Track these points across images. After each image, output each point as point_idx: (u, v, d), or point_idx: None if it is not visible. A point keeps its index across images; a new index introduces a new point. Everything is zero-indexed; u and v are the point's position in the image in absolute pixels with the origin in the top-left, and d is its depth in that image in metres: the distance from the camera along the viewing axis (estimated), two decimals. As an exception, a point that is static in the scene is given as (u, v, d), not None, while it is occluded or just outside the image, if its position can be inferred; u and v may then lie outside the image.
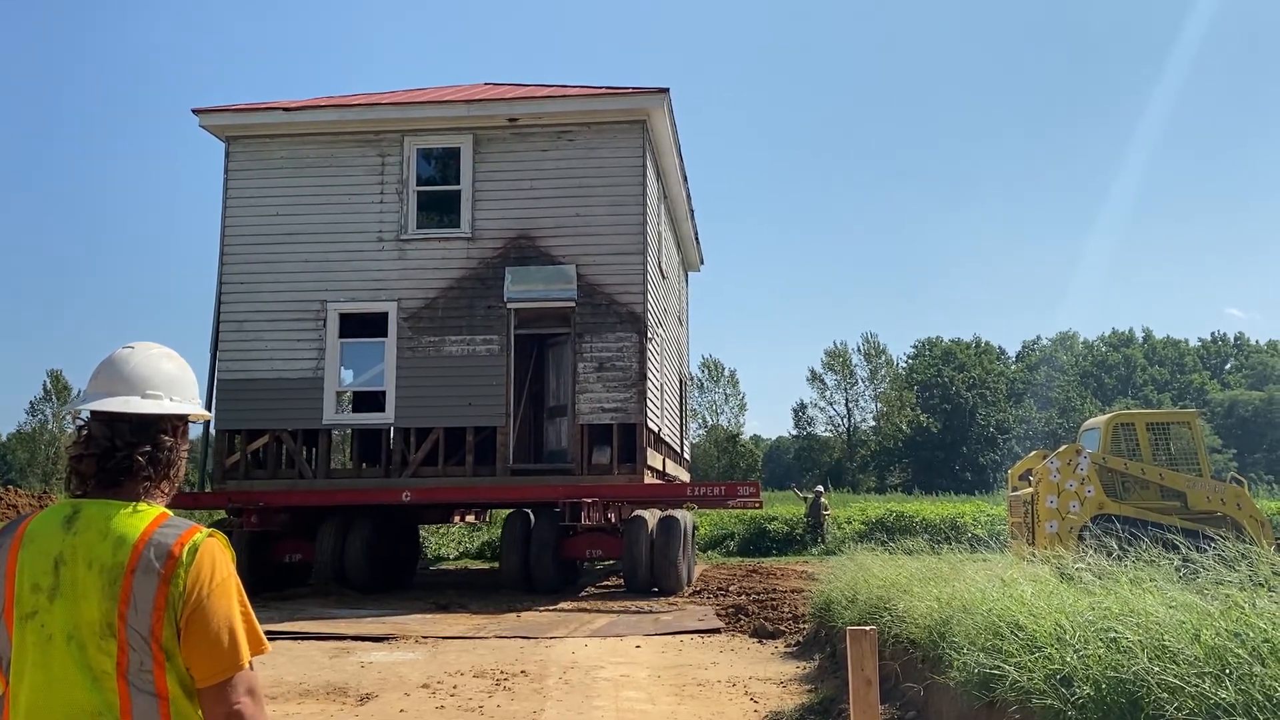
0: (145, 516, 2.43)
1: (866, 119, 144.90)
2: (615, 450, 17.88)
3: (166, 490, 2.55)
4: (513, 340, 18.30)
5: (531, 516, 17.54)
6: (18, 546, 2.42)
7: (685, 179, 22.64)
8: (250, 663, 2.43)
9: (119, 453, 2.45)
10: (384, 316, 18.57)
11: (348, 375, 19.68)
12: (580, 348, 18.03)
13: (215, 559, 2.42)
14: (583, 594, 17.43)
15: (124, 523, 2.40)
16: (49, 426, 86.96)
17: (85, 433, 2.50)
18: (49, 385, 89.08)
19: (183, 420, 2.60)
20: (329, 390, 18.58)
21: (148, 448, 2.48)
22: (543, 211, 18.42)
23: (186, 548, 2.38)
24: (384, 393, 18.56)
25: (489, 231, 18.53)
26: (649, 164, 18.81)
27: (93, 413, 2.51)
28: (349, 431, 22.61)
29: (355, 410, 21.69)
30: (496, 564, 21.59)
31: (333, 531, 17.57)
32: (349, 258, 18.76)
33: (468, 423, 18.19)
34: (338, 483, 18.45)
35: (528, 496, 17.84)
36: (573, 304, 18.11)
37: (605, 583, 19.60)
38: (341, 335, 18.72)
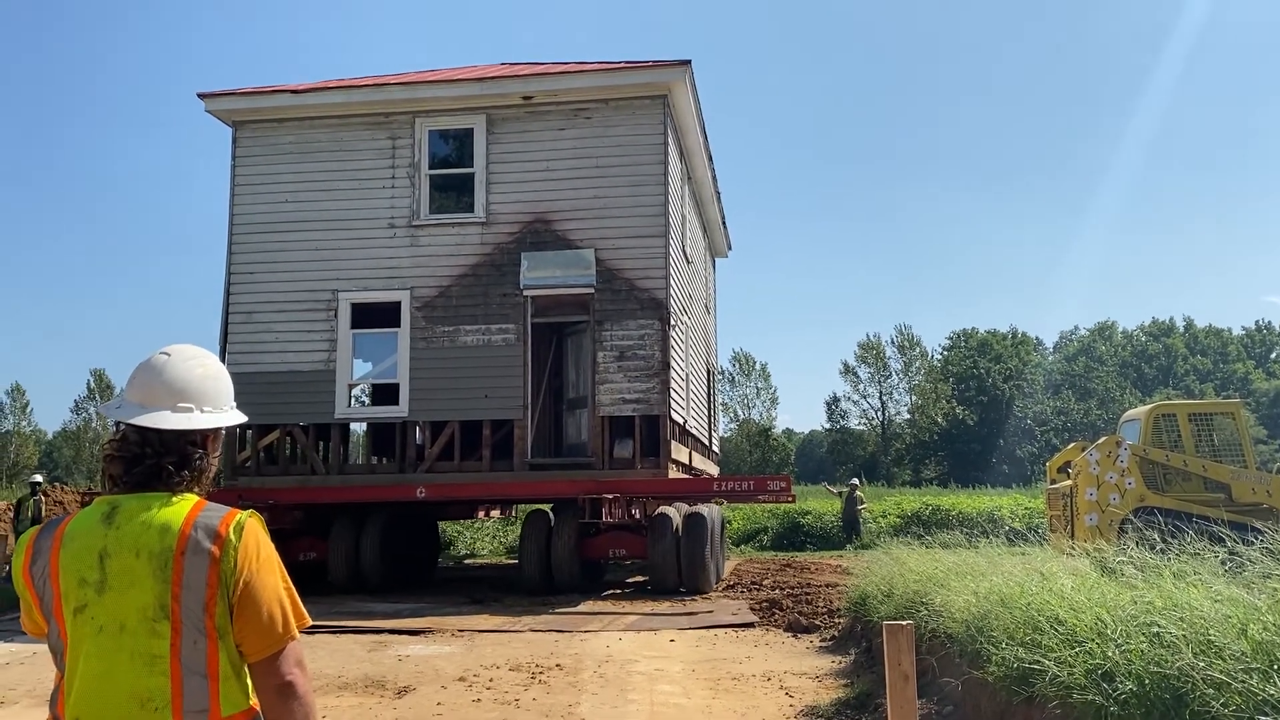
0: (185, 504, 2.50)
1: (900, 106, 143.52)
2: (638, 443, 17.07)
3: (197, 492, 2.60)
4: (530, 329, 17.52)
5: (551, 514, 16.79)
6: (58, 546, 2.47)
7: (710, 159, 21.76)
8: (297, 635, 2.51)
9: (147, 460, 2.51)
10: (396, 306, 17.86)
11: (363, 367, 19.02)
12: (600, 336, 17.21)
13: (259, 536, 2.51)
14: (608, 593, 16.73)
15: (166, 511, 2.46)
16: (93, 424, 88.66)
17: (120, 435, 2.57)
18: (92, 384, 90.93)
19: (213, 431, 2.64)
20: (340, 383, 17.90)
21: (174, 458, 2.53)
22: (559, 194, 17.61)
23: (232, 527, 2.46)
24: (397, 385, 17.85)
25: (504, 216, 17.75)
26: (670, 142, 17.96)
27: None
28: (367, 425, 21.93)
29: (374, 403, 21.05)
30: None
31: (347, 529, 16.98)
32: (360, 245, 18.07)
33: (484, 416, 17.46)
34: (351, 479, 17.76)
35: (546, 492, 17.12)
36: (592, 290, 17.29)
37: (632, 579, 18.89)
38: (353, 326, 18.04)
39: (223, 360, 17.53)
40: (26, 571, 2.50)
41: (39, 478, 22.80)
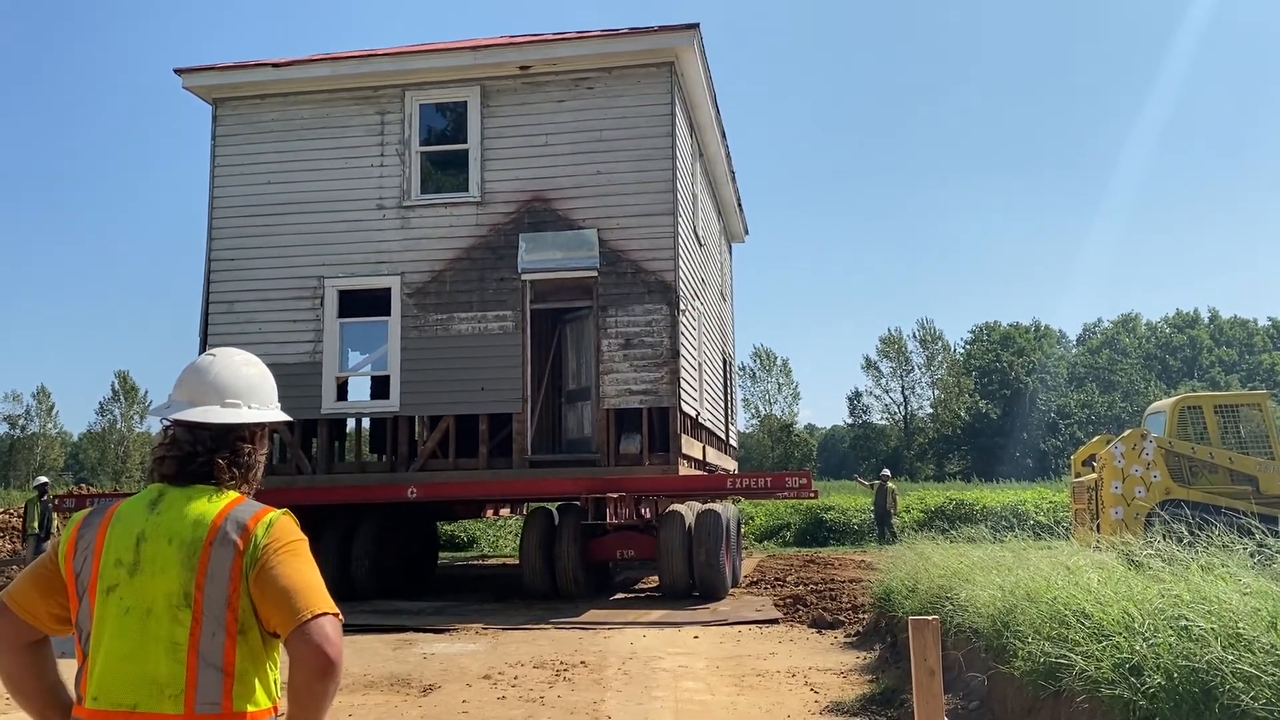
0: (224, 498, 2.52)
1: (919, 99, 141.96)
2: (646, 438, 15.80)
3: (246, 492, 2.62)
4: (529, 316, 16.29)
5: (555, 514, 15.60)
6: (108, 524, 2.49)
7: (724, 135, 20.44)
8: (333, 610, 2.40)
9: (200, 458, 2.55)
10: (386, 293, 16.67)
11: (353, 357, 17.86)
12: (604, 322, 15.97)
13: (289, 531, 2.49)
14: (617, 598, 15.73)
15: (204, 504, 2.49)
16: (118, 426, 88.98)
17: (170, 435, 2.60)
18: (116, 386, 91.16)
19: (261, 426, 2.68)
20: (328, 376, 16.72)
21: (227, 453, 2.57)
22: (560, 170, 16.35)
23: (262, 522, 2.46)
24: (388, 378, 16.68)
25: (500, 194, 16.53)
26: (679, 113, 16.67)
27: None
28: (365, 421, 20.78)
29: (372, 397, 19.90)
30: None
31: (338, 532, 15.95)
32: (347, 228, 16.87)
33: (481, 409, 16.26)
34: (339, 478, 16.59)
35: (547, 491, 15.95)
36: (595, 273, 16.04)
37: (647, 581, 17.81)
38: (341, 315, 16.87)
39: (202, 352, 16.65)
40: (72, 544, 2.49)
41: (45, 479, 22.24)
